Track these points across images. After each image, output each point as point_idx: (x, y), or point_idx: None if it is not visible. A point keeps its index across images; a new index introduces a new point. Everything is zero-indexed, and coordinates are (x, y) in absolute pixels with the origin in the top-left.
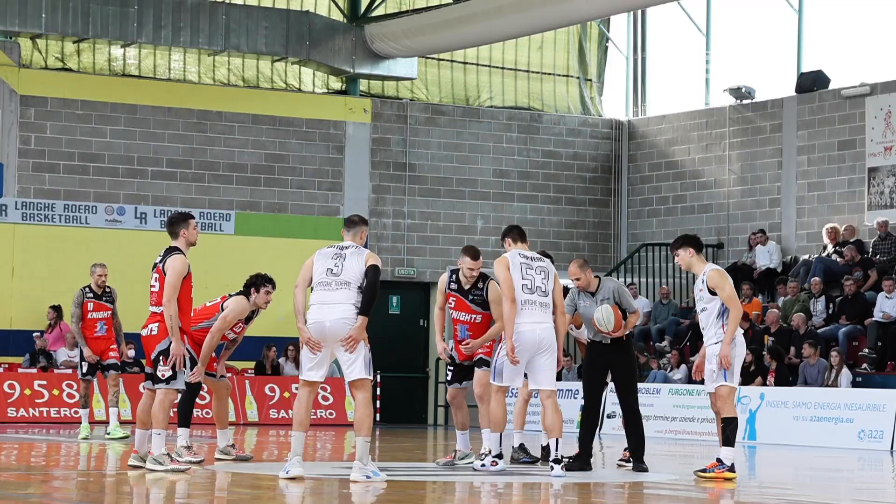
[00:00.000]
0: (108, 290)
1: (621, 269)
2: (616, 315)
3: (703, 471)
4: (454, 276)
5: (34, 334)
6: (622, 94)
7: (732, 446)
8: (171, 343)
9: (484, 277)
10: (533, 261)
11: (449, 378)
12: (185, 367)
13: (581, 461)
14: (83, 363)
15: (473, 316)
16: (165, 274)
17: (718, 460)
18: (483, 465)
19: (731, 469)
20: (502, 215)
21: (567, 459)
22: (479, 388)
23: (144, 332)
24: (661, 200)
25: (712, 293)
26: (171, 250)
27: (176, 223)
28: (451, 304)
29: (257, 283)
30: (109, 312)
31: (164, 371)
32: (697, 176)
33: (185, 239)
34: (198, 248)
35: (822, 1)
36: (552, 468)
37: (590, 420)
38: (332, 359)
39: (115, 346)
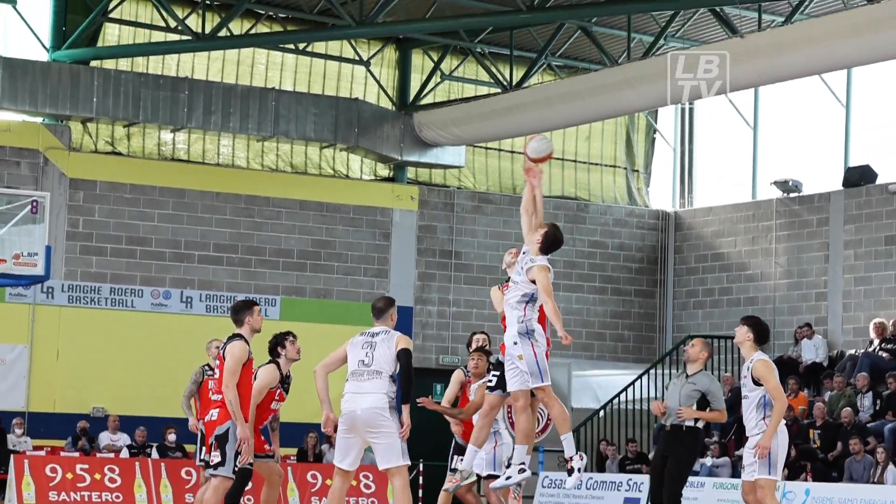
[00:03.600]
0: None
1: (666, 361)
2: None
3: None
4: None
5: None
6: (669, 185)
7: None
8: (228, 429)
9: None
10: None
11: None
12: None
13: None
14: (202, 448)
15: None
16: (225, 360)
17: None
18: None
19: None
20: None
21: None
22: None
23: (206, 418)
24: (707, 292)
25: (756, 383)
26: (233, 337)
27: (240, 311)
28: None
29: (279, 341)
30: None
31: (214, 457)
32: (744, 268)
33: (249, 326)
34: None
35: (870, 96)
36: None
37: None
38: (364, 447)
39: None
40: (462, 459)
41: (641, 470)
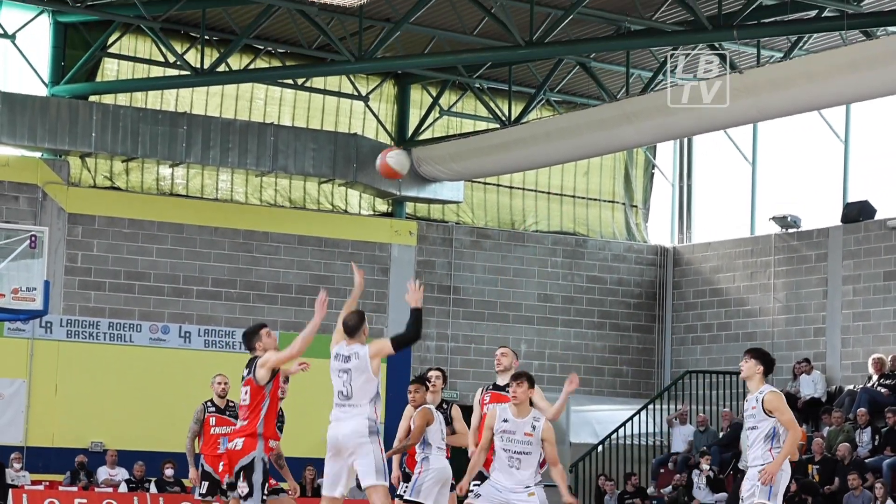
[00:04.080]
0: (231, 404)
1: (664, 397)
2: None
3: None
4: None
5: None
6: (667, 220)
7: None
8: (253, 459)
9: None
10: None
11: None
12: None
13: None
14: (203, 483)
15: None
16: (257, 382)
17: None
18: None
19: None
20: (546, 340)
21: None
22: None
23: (230, 446)
24: (706, 328)
25: (767, 414)
26: (254, 360)
27: (249, 337)
28: None
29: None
30: (233, 428)
31: (242, 488)
32: (742, 304)
33: (263, 349)
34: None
35: (869, 132)
36: None
37: None
38: (350, 472)
39: None
40: (408, 486)
41: None
